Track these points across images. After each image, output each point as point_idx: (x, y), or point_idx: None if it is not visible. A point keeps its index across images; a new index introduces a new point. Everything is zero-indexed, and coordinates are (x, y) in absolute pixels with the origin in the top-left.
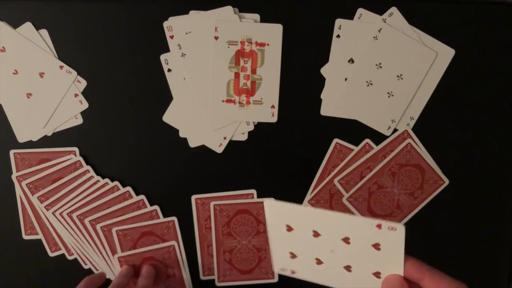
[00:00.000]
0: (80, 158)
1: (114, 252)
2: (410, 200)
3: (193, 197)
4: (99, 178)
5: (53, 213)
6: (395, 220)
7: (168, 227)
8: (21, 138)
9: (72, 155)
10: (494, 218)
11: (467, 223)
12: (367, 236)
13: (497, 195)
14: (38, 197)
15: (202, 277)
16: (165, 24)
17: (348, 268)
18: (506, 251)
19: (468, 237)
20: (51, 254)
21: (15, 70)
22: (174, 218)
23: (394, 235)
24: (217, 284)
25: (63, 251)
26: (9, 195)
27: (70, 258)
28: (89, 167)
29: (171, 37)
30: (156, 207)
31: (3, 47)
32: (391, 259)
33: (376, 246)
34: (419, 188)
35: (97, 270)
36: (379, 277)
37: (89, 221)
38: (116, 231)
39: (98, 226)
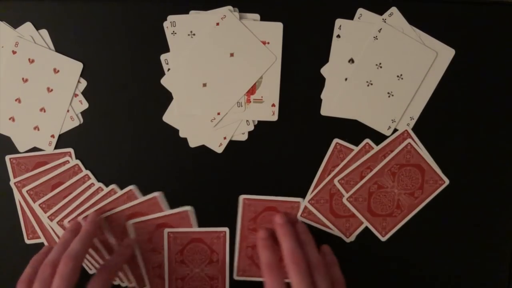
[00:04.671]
0: (78, 162)
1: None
2: (410, 200)
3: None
4: (94, 181)
5: (57, 223)
6: (395, 220)
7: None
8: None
9: (68, 157)
10: (494, 218)
11: (467, 223)
12: None
13: (498, 195)
14: (39, 205)
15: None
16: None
17: None
18: (506, 251)
19: (468, 237)
20: None
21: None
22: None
23: None
24: None
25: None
26: (8, 200)
27: None
28: (88, 172)
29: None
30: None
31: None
32: None
33: None
34: (419, 188)
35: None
36: None
37: None
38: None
39: None
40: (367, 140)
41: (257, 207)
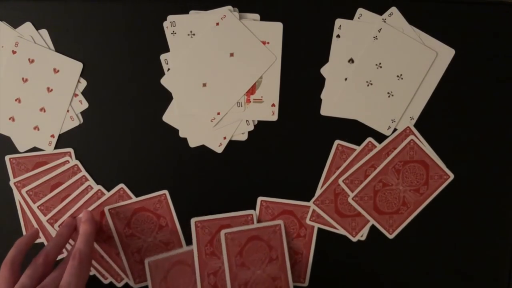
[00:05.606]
0: (77, 162)
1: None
2: (416, 196)
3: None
4: (92, 183)
5: (59, 226)
6: (402, 217)
7: (160, 200)
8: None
9: (68, 157)
10: (500, 211)
11: (472, 218)
12: None
13: (499, 194)
14: (38, 207)
15: None
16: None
17: None
18: (508, 245)
19: (474, 231)
20: None
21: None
22: (166, 192)
23: None
24: None
25: (66, 253)
26: (8, 200)
27: None
28: (85, 173)
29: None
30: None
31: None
32: None
33: None
34: (424, 184)
35: (102, 275)
36: None
37: None
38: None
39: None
40: (369, 139)
41: (274, 210)
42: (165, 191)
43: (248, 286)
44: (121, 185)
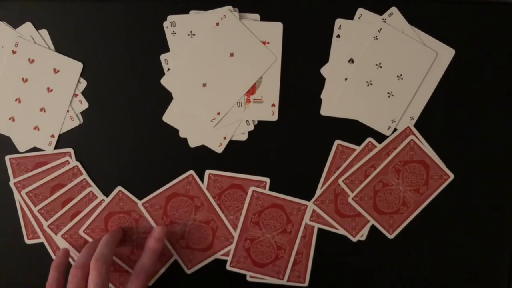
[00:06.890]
0: (77, 163)
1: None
2: (416, 197)
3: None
4: (92, 185)
5: (61, 236)
6: (402, 217)
7: (189, 182)
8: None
9: (68, 157)
10: (500, 212)
11: (472, 218)
12: None
13: (499, 194)
14: (38, 211)
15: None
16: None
17: None
18: (508, 245)
19: (474, 232)
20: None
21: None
22: (192, 172)
23: None
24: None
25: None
26: (8, 200)
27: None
28: (86, 176)
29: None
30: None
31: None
32: None
33: None
34: (425, 184)
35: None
36: None
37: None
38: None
39: None
40: (369, 139)
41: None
42: (191, 171)
43: (254, 243)
44: (119, 188)
